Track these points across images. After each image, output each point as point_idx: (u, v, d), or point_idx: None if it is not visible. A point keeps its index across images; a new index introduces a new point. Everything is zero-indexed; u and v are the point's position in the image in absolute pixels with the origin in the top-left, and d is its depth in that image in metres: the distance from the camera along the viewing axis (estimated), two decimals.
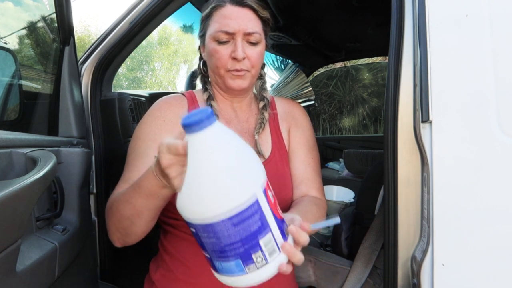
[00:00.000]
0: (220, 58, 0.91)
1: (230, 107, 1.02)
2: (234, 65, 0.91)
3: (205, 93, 1.00)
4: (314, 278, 1.20)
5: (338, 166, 2.99)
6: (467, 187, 0.77)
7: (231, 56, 0.90)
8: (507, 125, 0.76)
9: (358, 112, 5.37)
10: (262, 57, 0.96)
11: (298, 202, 0.95)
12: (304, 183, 1.01)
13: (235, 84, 0.93)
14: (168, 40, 13.53)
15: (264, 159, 0.97)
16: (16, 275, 0.65)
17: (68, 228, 0.90)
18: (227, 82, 0.94)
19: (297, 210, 0.87)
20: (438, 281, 0.78)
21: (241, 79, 0.93)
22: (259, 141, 0.98)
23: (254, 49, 0.93)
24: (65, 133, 1.13)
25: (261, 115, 1.01)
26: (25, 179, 0.62)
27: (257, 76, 0.99)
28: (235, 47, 0.90)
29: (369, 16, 2.11)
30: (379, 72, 5.05)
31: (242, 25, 0.90)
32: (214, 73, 0.97)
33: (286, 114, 1.08)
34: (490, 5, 0.79)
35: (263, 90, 1.05)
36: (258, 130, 0.99)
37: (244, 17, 0.91)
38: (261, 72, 1.04)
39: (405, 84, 0.84)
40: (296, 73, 3.07)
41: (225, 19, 0.91)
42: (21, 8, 1.35)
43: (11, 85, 1.23)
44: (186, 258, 0.92)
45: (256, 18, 0.94)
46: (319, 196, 1.01)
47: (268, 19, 0.97)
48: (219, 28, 0.91)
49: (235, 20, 0.90)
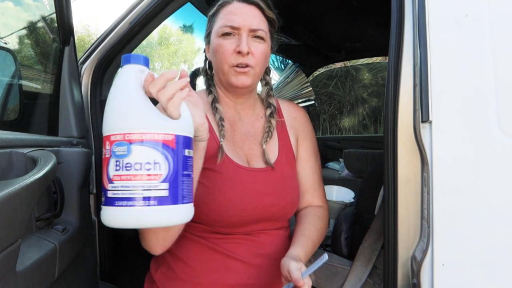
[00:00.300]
0: (224, 52, 0.91)
1: (234, 109, 1.02)
2: (238, 59, 0.90)
3: (210, 95, 1.00)
4: (314, 278, 1.21)
5: (338, 166, 2.99)
6: (467, 187, 0.77)
7: (235, 50, 0.90)
8: (507, 125, 0.76)
9: (358, 112, 5.37)
10: (267, 56, 0.96)
11: (302, 220, 1.00)
12: (310, 193, 1.07)
13: (238, 81, 0.93)
14: (168, 40, 13.53)
15: (270, 165, 0.97)
16: (16, 275, 0.65)
17: (68, 228, 0.90)
18: (230, 79, 0.93)
19: (302, 236, 0.94)
20: (438, 281, 0.78)
21: (245, 75, 0.92)
22: (266, 150, 0.98)
23: (258, 46, 0.92)
24: (65, 133, 1.13)
25: (268, 123, 1.01)
26: (25, 179, 0.62)
27: (260, 75, 0.99)
28: (240, 41, 0.90)
29: (369, 16, 2.11)
30: (379, 72, 5.05)
31: (248, 21, 0.90)
32: (218, 71, 0.97)
33: (292, 120, 1.08)
34: (490, 5, 0.79)
35: (269, 97, 1.04)
36: (266, 139, 0.99)
37: (250, 13, 0.92)
38: (266, 79, 1.05)
39: (405, 84, 0.84)
40: (296, 73, 3.07)
41: (231, 15, 0.91)
42: (21, 8, 1.35)
43: (11, 85, 1.23)
44: (187, 257, 0.92)
45: (262, 17, 0.94)
46: (321, 204, 1.08)
47: (274, 20, 0.98)
48: (224, 23, 0.91)
49: (241, 16, 0.91)
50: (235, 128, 1.00)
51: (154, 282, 0.97)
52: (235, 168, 0.92)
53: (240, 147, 0.98)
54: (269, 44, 0.97)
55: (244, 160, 0.96)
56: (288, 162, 1.01)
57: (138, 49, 1.48)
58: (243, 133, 1.00)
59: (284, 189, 0.96)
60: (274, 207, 0.94)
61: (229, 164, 0.92)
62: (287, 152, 1.02)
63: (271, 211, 0.93)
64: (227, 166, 0.91)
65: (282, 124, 1.06)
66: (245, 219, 0.90)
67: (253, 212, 0.91)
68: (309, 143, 1.08)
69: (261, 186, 0.93)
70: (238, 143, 0.98)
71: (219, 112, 0.96)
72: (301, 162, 1.06)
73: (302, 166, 1.06)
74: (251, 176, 0.93)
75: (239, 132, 1.00)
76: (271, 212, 0.94)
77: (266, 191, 0.93)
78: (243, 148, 0.98)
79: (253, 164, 0.97)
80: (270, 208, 0.93)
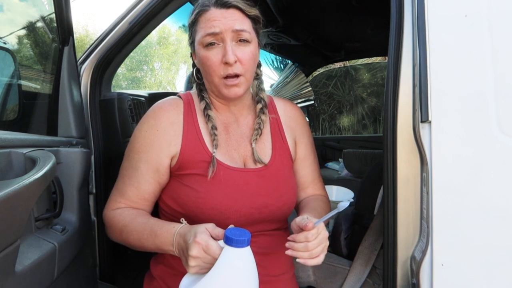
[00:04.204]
0: (211, 65, 0.89)
1: (228, 111, 1.00)
2: (226, 70, 0.88)
3: (202, 102, 0.97)
4: (314, 278, 1.21)
5: (338, 166, 2.99)
6: (466, 187, 0.77)
7: (222, 61, 0.88)
8: (507, 125, 0.76)
9: (357, 112, 5.37)
10: (255, 58, 0.93)
11: (307, 202, 1.03)
12: (311, 187, 1.09)
13: (230, 93, 0.91)
14: (168, 40, 13.52)
15: (263, 165, 0.95)
16: (15, 275, 0.65)
17: (67, 228, 0.90)
18: (222, 91, 0.91)
19: (307, 208, 0.98)
20: (437, 281, 0.78)
21: (236, 87, 0.90)
22: (257, 149, 0.96)
23: (245, 50, 0.89)
24: (65, 133, 1.13)
25: (258, 119, 0.99)
26: (24, 179, 0.62)
27: (252, 79, 0.96)
28: (225, 51, 0.87)
29: (368, 16, 2.11)
30: (379, 72, 5.05)
31: (228, 24, 0.87)
32: (208, 81, 0.94)
33: (289, 119, 1.06)
34: (490, 6, 0.79)
35: (260, 91, 1.02)
36: (256, 137, 0.97)
37: (230, 17, 0.88)
38: (257, 71, 1.00)
39: (405, 84, 0.84)
40: (296, 73, 3.07)
41: (210, 22, 0.88)
42: (20, 8, 1.35)
43: (11, 85, 1.23)
44: None
45: (244, 17, 0.91)
46: (323, 194, 1.11)
47: (258, 17, 0.94)
48: (205, 32, 0.88)
49: (221, 21, 0.88)
50: (229, 131, 0.98)
51: (154, 278, 0.97)
52: (225, 171, 0.90)
53: (235, 150, 0.96)
54: (256, 43, 0.94)
55: (240, 162, 0.95)
56: (283, 161, 1.00)
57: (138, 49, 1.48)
58: (239, 134, 0.98)
59: (278, 190, 0.95)
60: (268, 208, 0.92)
61: (219, 168, 0.90)
62: (282, 151, 1.01)
63: (266, 213, 0.92)
64: (218, 170, 0.90)
65: (278, 122, 1.04)
66: (240, 221, 0.89)
67: (248, 214, 0.90)
68: (307, 142, 1.08)
69: (254, 187, 0.92)
70: (233, 146, 0.96)
71: (211, 120, 0.94)
72: (301, 161, 1.06)
73: (302, 165, 1.06)
74: (244, 177, 0.92)
75: (234, 134, 0.98)
76: (266, 213, 0.92)
77: (259, 192, 0.92)
78: (238, 150, 0.96)
79: (249, 165, 0.95)
80: (264, 210, 0.92)
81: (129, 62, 12.61)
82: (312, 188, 1.08)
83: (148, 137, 0.92)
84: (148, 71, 13.76)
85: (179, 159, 0.91)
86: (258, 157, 0.95)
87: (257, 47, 0.94)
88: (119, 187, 0.95)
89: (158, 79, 13.72)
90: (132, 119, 1.50)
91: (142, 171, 0.92)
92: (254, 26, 0.94)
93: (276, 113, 1.05)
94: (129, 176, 0.94)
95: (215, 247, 0.71)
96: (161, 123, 0.93)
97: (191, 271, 0.73)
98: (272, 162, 0.97)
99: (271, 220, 0.95)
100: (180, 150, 0.91)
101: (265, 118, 1.00)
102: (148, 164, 0.92)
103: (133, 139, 0.95)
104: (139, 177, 0.92)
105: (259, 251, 0.93)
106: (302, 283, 1.20)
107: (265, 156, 0.97)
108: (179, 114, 0.95)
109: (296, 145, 1.06)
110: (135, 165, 0.93)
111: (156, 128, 0.92)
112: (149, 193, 0.94)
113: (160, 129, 0.92)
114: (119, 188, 0.95)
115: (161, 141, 0.92)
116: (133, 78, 13.22)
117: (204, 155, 0.91)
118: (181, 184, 0.92)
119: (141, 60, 13.28)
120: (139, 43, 1.44)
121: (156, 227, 0.84)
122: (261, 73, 1.04)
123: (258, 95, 1.01)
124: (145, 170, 0.92)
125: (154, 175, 0.93)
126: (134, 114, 1.52)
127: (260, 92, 1.02)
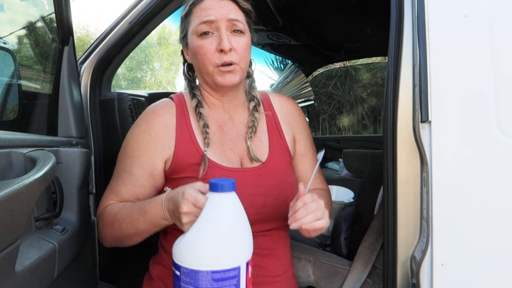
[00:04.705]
0: (206, 53, 0.88)
1: (222, 109, 0.99)
2: (221, 58, 0.88)
3: (193, 100, 0.96)
4: (314, 278, 1.20)
5: (338, 166, 2.99)
6: (466, 187, 0.77)
7: (217, 49, 0.87)
8: (507, 125, 0.76)
9: (357, 112, 5.37)
10: (249, 50, 0.93)
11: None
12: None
13: (225, 80, 0.90)
14: (168, 40, 13.54)
15: (260, 163, 0.94)
16: (15, 275, 0.65)
17: (67, 228, 0.90)
18: (216, 79, 0.90)
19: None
20: (437, 281, 0.78)
21: (231, 73, 0.89)
22: (252, 146, 0.95)
23: (239, 40, 0.90)
24: (65, 133, 1.13)
25: (252, 117, 0.98)
26: (24, 179, 0.62)
27: (246, 70, 0.96)
28: (220, 39, 0.87)
29: (368, 16, 2.11)
30: (379, 72, 5.05)
31: (223, 13, 0.88)
32: (201, 72, 0.93)
33: (286, 115, 1.05)
34: (489, 6, 0.79)
35: (252, 89, 1.01)
36: (250, 135, 0.96)
37: (224, 7, 0.89)
38: (248, 70, 1.00)
39: (405, 84, 0.84)
40: (296, 73, 3.07)
41: (205, 11, 0.88)
42: (20, 8, 1.35)
43: (10, 85, 1.23)
44: None
45: (238, 9, 0.92)
46: (324, 188, 1.12)
47: (250, 11, 0.95)
48: (200, 20, 0.88)
49: (216, 10, 0.88)
50: (224, 130, 0.97)
51: (153, 279, 0.97)
52: (221, 172, 0.89)
53: (230, 149, 0.95)
54: (249, 36, 0.94)
55: (237, 162, 0.94)
56: (281, 158, 0.98)
57: (138, 49, 1.48)
58: (234, 133, 0.97)
59: (276, 188, 0.93)
60: (267, 207, 0.91)
61: (213, 169, 0.89)
62: (279, 148, 0.99)
63: (265, 212, 0.91)
64: (212, 171, 0.89)
65: (274, 119, 1.03)
66: None
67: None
68: (306, 137, 1.07)
69: (251, 187, 0.90)
70: (228, 145, 0.95)
71: (203, 118, 0.93)
72: (301, 156, 1.05)
73: (301, 160, 1.05)
74: (241, 178, 0.90)
75: (229, 133, 0.97)
76: (265, 213, 0.91)
77: (257, 192, 0.91)
78: (234, 149, 0.95)
79: (246, 164, 0.94)
80: (263, 210, 0.90)
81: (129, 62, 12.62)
82: (313, 183, 1.07)
83: (141, 142, 0.92)
84: (148, 71, 13.78)
85: (172, 162, 0.91)
86: (254, 155, 0.94)
87: (250, 40, 0.95)
88: (113, 187, 0.95)
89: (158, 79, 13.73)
90: (132, 119, 1.50)
91: (136, 175, 0.92)
92: (247, 19, 0.95)
93: (272, 110, 1.04)
94: (122, 179, 0.94)
95: (204, 199, 0.70)
96: (154, 127, 0.92)
97: (186, 228, 0.71)
98: (270, 159, 0.96)
99: (270, 220, 0.94)
100: (173, 153, 0.91)
101: (259, 115, 0.99)
102: (141, 169, 0.92)
103: (125, 143, 0.95)
104: (134, 180, 0.92)
105: (258, 252, 0.92)
106: (302, 283, 1.20)
107: (262, 154, 0.96)
108: (172, 117, 0.95)
109: (295, 141, 1.05)
110: (128, 169, 0.93)
111: (149, 133, 0.92)
112: (144, 194, 0.93)
113: (153, 133, 0.92)
114: (113, 187, 0.95)
115: (154, 145, 0.91)
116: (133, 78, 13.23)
117: (197, 157, 0.90)
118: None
119: (141, 60, 13.29)
120: (139, 43, 1.44)
121: (143, 204, 0.84)
122: (252, 72, 1.03)
123: (251, 93, 1.01)
124: (139, 174, 0.92)
125: (149, 179, 0.92)
126: (134, 114, 1.52)
127: (252, 90, 1.02)
